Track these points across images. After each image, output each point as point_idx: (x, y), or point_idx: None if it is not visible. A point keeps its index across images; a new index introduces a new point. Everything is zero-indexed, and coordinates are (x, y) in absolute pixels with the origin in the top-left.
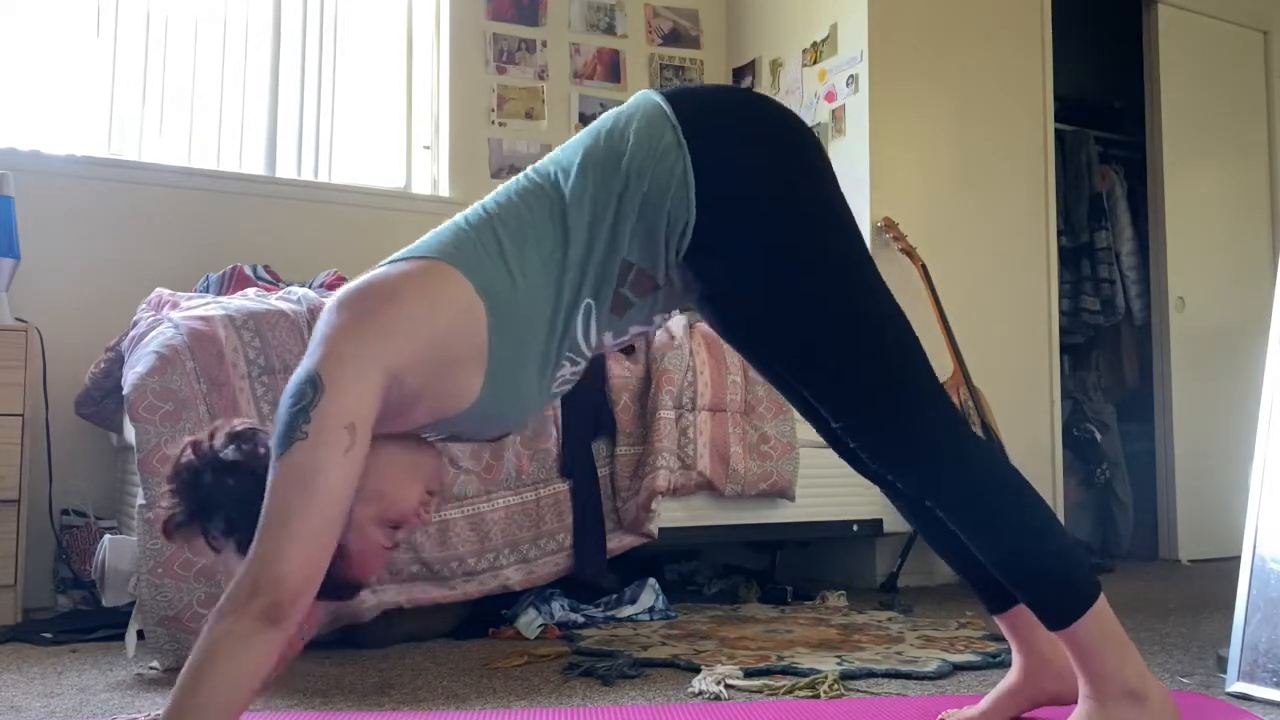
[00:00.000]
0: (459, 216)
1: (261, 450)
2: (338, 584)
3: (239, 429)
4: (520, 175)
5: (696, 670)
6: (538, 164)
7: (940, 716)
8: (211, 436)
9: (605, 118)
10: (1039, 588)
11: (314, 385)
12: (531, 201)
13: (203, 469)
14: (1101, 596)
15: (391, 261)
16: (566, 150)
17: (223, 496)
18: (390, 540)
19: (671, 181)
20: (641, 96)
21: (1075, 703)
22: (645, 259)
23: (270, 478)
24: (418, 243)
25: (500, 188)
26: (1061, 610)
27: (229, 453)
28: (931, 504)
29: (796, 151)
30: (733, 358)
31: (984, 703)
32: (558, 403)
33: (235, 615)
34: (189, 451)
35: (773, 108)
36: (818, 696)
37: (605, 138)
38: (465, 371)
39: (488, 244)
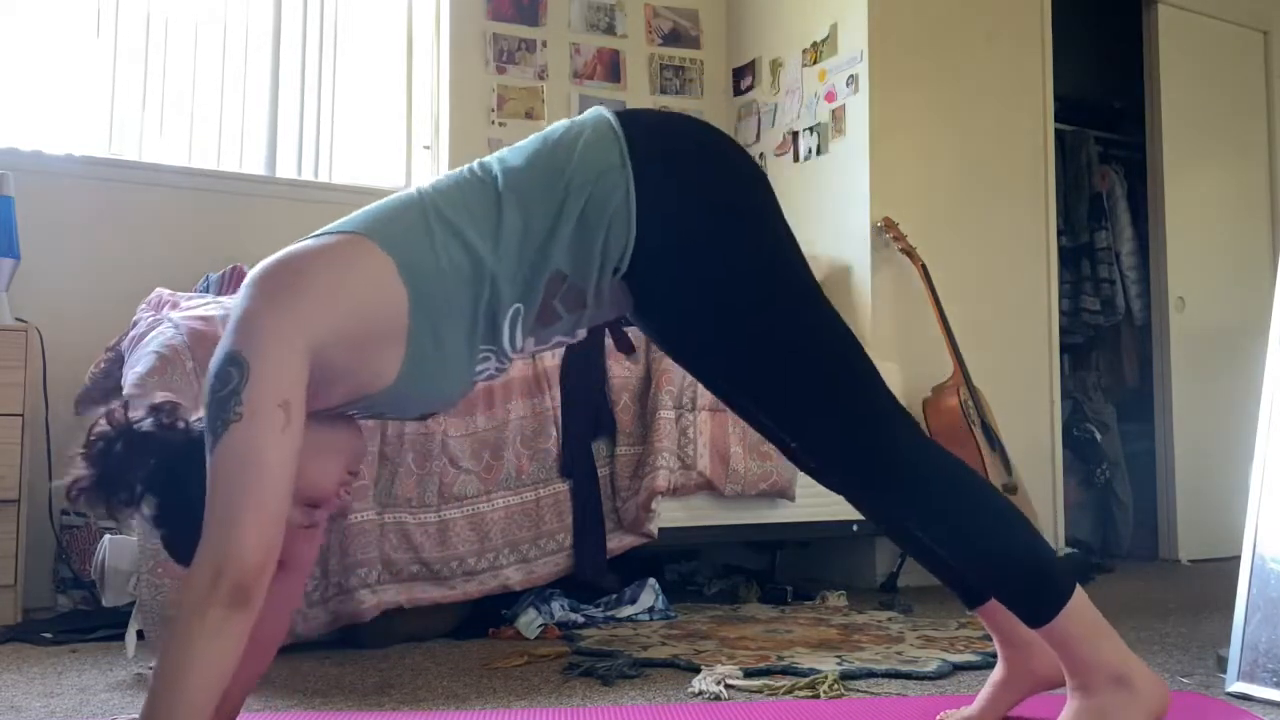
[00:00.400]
0: (390, 197)
1: (180, 425)
2: None
3: (159, 402)
4: (464, 167)
5: (696, 670)
6: (483, 159)
7: (938, 717)
8: (127, 407)
9: (556, 126)
10: (1013, 590)
11: (238, 366)
12: (469, 192)
13: (116, 438)
14: (1078, 589)
15: (314, 236)
16: (514, 151)
17: (132, 468)
18: (308, 519)
19: (612, 200)
20: (595, 112)
21: (1063, 684)
22: (578, 274)
23: (209, 466)
24: (344, 219)
25: (442, 176)
26: (1039, 609)
27: (146, 425)
28: (900, 519)
29: (742, 181)
30: None
31: (977, 701)
32: (558, 402)
33: (201, 606)
34: (103, 420)
35: (719, 138)
36: (818, 696)
37: (553, 146)
38: (384, 350)
39: (415, 224)
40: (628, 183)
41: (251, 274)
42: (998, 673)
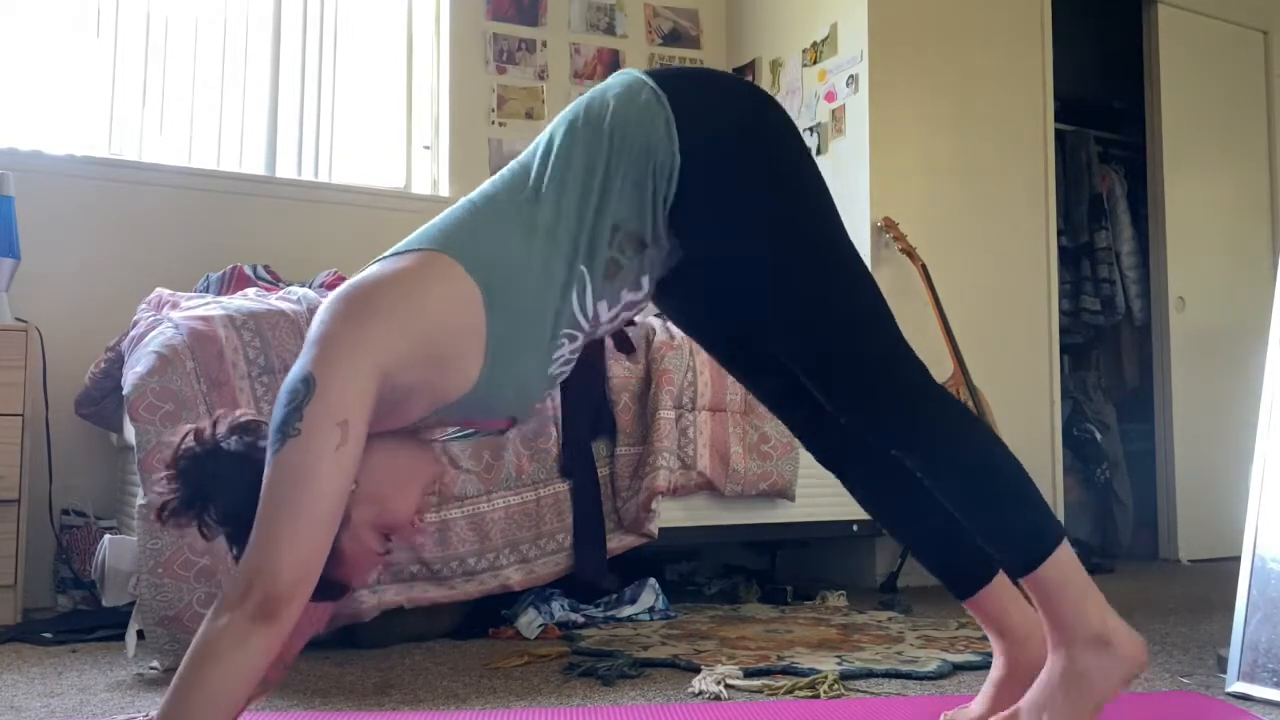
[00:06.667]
0: (447, 211)
1: (262, 443)
2: (327, 583)
3: (242, 420)
4: (505, 168)
5: (696, 670)
6: (520, 155)
7: (940, 718)
8: (214, 425)
9: (581, 99)
10: (1004, 531)
11: (307, 384)
12: (516, 183)
13: (204, 457)
14: (1065, 541)
15: (383, 258)
16: (549, 132)
17: (221, 486)
18: (383, 547)
19: (655, 129)
20: (616, 74)
21: None
22: (634, 218)
23: (265, 476)
24: (409, 237)
25: (486, 181)
26: (1027, 555)
27: (231, 443)
28: (901, 454)
29: (770, 114)
30: None
31: (978, 700)
32: (558, 402)
33: (230, 613)
34: (190, 438)
35: (745, 83)
36: (818, 696)
37: (585, 111)
38: (462, 357)
39: (478, 230)
40: (666, 110)
41: (330, 297)
42: (996, 670)
